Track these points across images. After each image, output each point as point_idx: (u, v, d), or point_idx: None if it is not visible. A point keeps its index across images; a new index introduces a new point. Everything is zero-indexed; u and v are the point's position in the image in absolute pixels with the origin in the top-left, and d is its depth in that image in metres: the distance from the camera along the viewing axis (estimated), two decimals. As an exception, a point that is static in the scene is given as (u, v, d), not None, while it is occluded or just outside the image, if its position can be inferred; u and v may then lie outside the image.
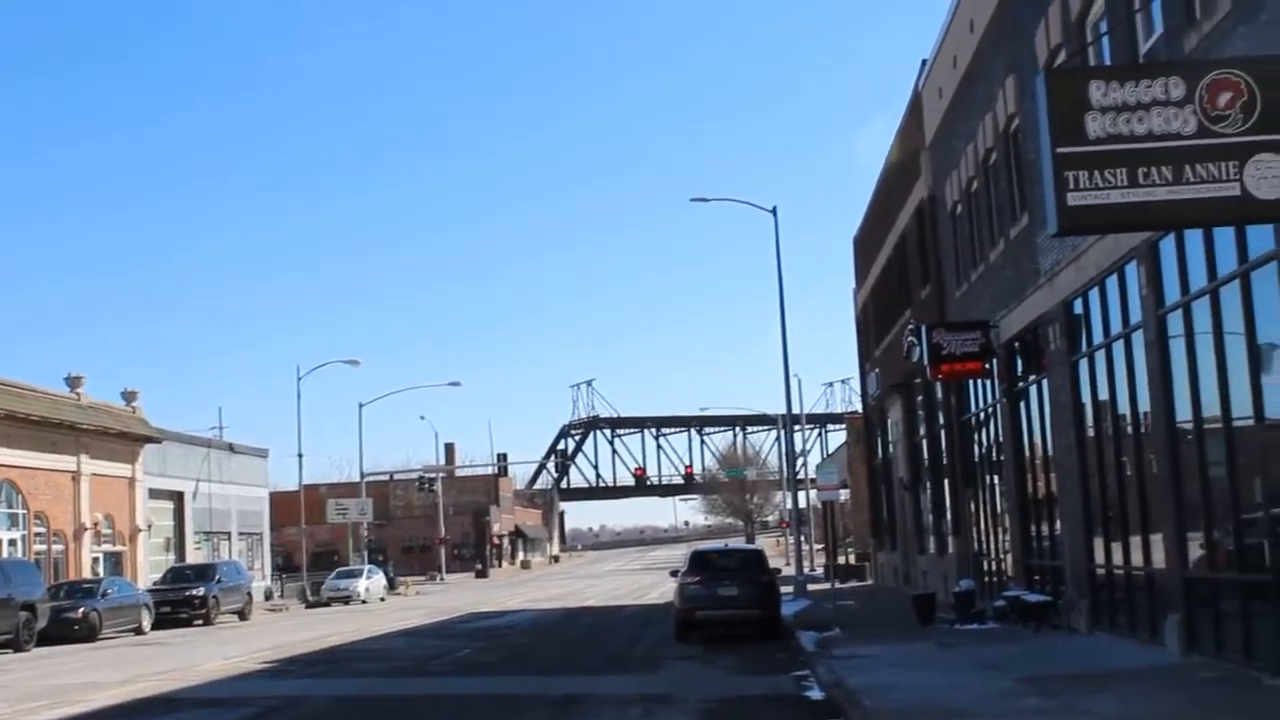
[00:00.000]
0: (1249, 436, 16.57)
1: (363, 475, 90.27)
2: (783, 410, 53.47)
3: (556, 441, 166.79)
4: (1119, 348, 21.35)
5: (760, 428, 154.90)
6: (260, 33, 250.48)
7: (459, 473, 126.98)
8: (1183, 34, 17.16)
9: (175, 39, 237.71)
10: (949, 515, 37.41)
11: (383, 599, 71.89)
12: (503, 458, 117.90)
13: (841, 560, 67.54)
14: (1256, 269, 15.76)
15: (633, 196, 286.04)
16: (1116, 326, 21.34)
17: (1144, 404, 20.29)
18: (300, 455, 77.89)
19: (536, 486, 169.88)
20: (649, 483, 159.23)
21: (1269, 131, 13.21)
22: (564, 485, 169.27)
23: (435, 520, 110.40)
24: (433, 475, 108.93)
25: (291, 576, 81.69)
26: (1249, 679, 16.20)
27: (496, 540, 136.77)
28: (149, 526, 61.50)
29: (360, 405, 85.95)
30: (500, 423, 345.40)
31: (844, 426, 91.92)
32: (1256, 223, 14.64)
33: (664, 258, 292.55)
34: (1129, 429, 21.42)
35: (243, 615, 53.95)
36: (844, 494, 73.65)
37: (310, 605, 68.21)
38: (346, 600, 68.64)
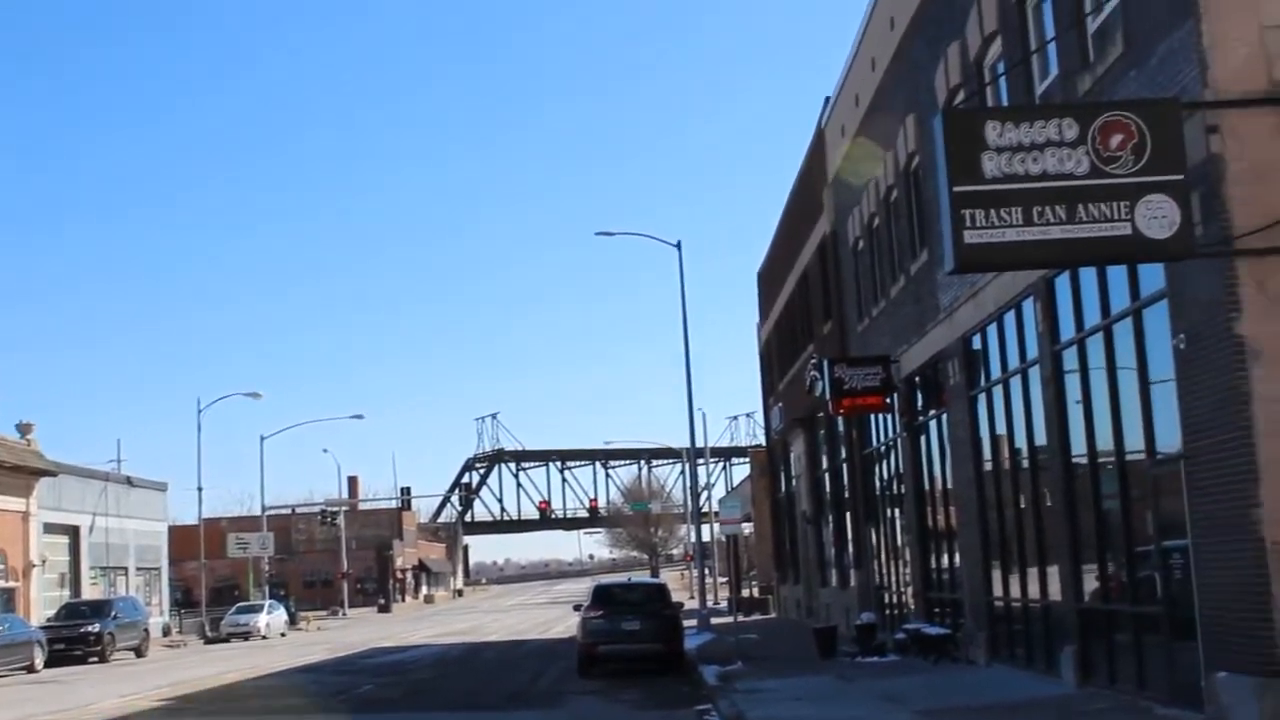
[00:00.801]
0: (1141, 470, 16.88)
1: (264, 509, 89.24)
2: (687, 444, 53.67)
3: (461, 475, 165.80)
4: (1016, 383, 21.68)
5: (665, 461, 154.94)
6: (161, 79, 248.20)
7: (362, 506, 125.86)
8: (1077, 76, 17.51)
9: (58, 82, 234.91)
10: (851, 548, 37.67)
11: (284, 634, 71.04)
12: (406, 491, 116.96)
13: (745, 593, 67.72)
14: (1148, 306, 16.09)
15: (539, 229, 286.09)
16: (1014, 362, 21.67)
17: (1040, 438, 20.61)
18: (200, 488, 76.65)
19: (441, 520, 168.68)
20: (554, 516, 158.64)
21: (1159, 173, 13.55)
22: (468, 519, 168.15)
23: (338, 554, 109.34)
24: (335, 509, 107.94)
25: (190, 612, 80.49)
26: (1141, 709, 16.48)
27: (400, 574, 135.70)
28: (43, 562, 60.32)
29: (262, 438, 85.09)
30: (404, 456, 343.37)
31: (748, 460, 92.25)
32: (1147, 261, 15.00)
33: (570, 291, 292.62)
34: (1026, 463, 21.74)
35: (139, 652, 53.03)
36: (748, 527, 73.89)
37: (209, 641, 67.26)
38: (246, 636, 67.73)
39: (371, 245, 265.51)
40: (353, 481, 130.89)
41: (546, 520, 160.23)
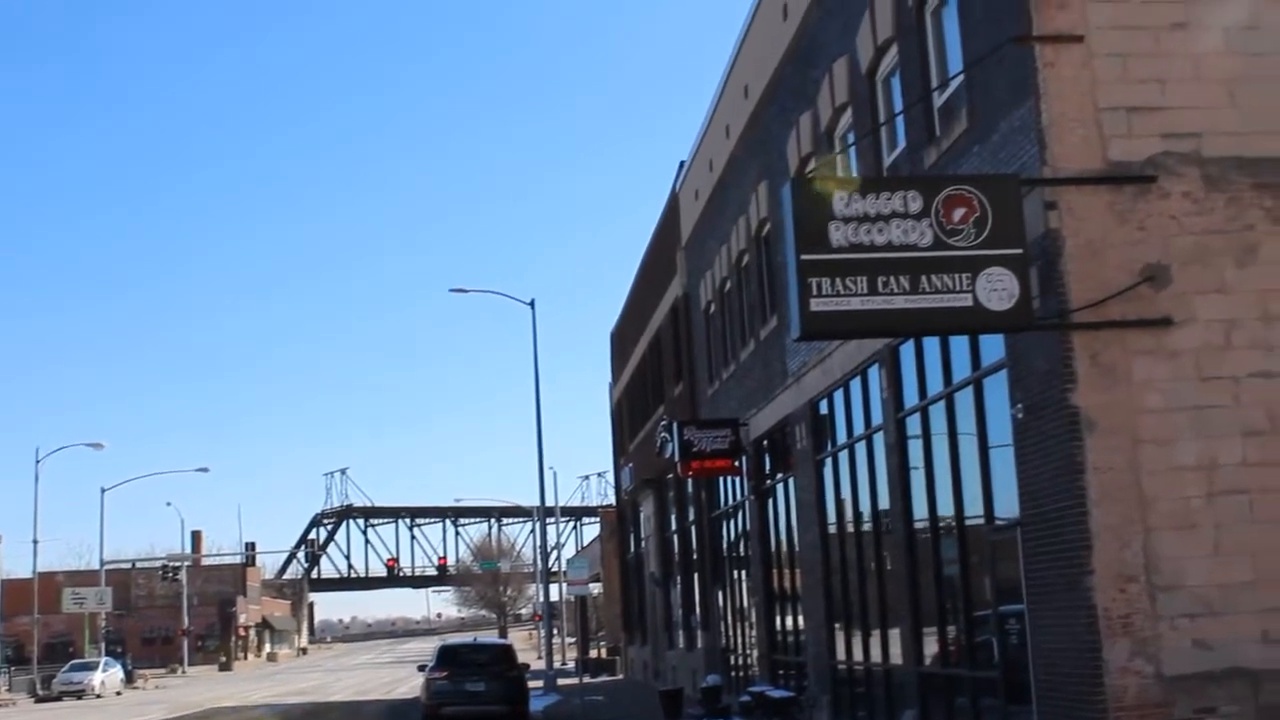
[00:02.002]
0: (980, 536, 17.20)
1: (103, 563, 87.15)
2: (538, 502, 53.49)
3: (308, 530, 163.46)
4: (861, 448, 21.99)
5: (516, 519, 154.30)
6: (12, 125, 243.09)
7: (205, 561, 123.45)
8: (923, 149, 17.93)
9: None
10: (698, 610, 37.78)
11: (119, 693, 69.25)
12: (251, 546, 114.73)
13: (593, 654, 67.54)
14: (989, 376, 16.45)
15: (393, 285, 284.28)
16: (859, 427, 21.98)
17: (884, 503, 20.90)
18: (35, 541, 74.70)
19: (286, 576, 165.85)
20: (402, 574, 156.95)
21: (999, 246, 13.90)
22: (315, 575, 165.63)
23: (179, 610, 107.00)
24: (177, 564, 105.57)
25: (21, 669, 78.13)
26: (978, 773, 16.70)
27: (243, 631, 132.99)
28: None
29: (103, 490, 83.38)
30: (251, 511, 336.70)
31: (599, 519, 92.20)
32: (987, 332, 15.34)
33: (423, 347, 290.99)
34: (870, 527, 22.02)
35: (-38, 711, 51.40)
36: (596, 588, 73.77)
37: (40, 700, 65.36)
38: (80, 694, 65.91)
39: (221, 298, 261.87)
40: (196, 536, 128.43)
41: (394, 578, 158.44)
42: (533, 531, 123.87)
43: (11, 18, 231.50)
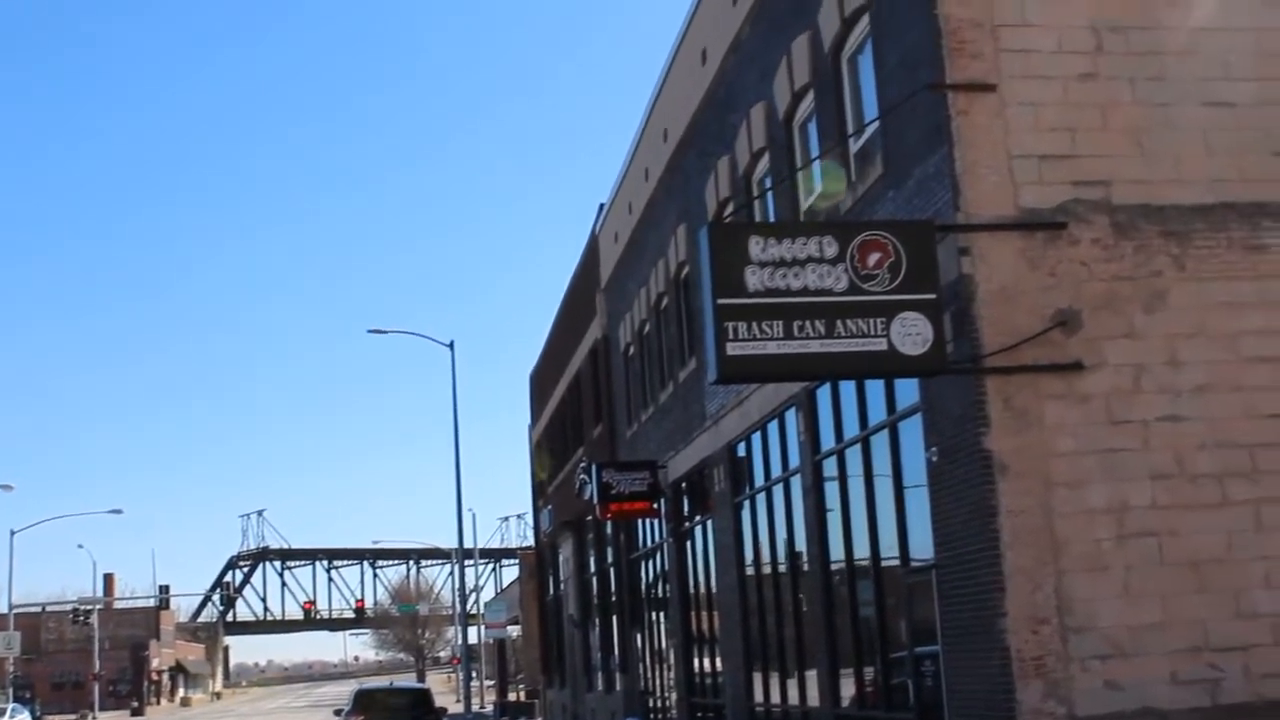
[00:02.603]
0: (896, 578, 17.30)
1: (11, 606, 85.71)
2: (456, 544, 53.20)
3: (224, 573, 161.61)
4: (779, 491, 22.08)
5: (434, 561, 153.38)
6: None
7: (118, 604, 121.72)
8: (840, 194, 18.09)
9: None
10: (617, 652, 37.68)
11: (27, 740, 67.98)
12: (165, 589, 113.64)
13: (512, 697, 67.09)
14: (904, 419, 16.59)
15: (311, 325, 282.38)
16: (777, 470, 22.08)
17: (801, 545, 20.98)
18: (-59, 585, 73.68)
19: (201, 619, 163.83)
20: (319, 616, 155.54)
21: (913, 291, 14.05)
22: (230, 618, 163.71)
23: (90, 654, 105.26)
24: (89, 607, 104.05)
25: (-73, 716, 76.55)
26: (894, 815, 16.75)
27: (156, 676, 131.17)
28: None
29: (12, 532, 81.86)
30: (165, 553, 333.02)
31: (518, 561, 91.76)
32: (901, 376, 15.52)
33: (341, 388, 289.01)
34: (787, 569, 22.09)
35: None
36: (515, 630, 73.39)
37: (-54, 747, 64.02)
38: (-13, 741, 64.69)
39: (138, 338, 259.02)
40: (109, 579, 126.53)
41: (311, 621, 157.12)
42: (451, 574, 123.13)
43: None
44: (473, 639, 66.71)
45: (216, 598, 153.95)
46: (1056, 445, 14.25)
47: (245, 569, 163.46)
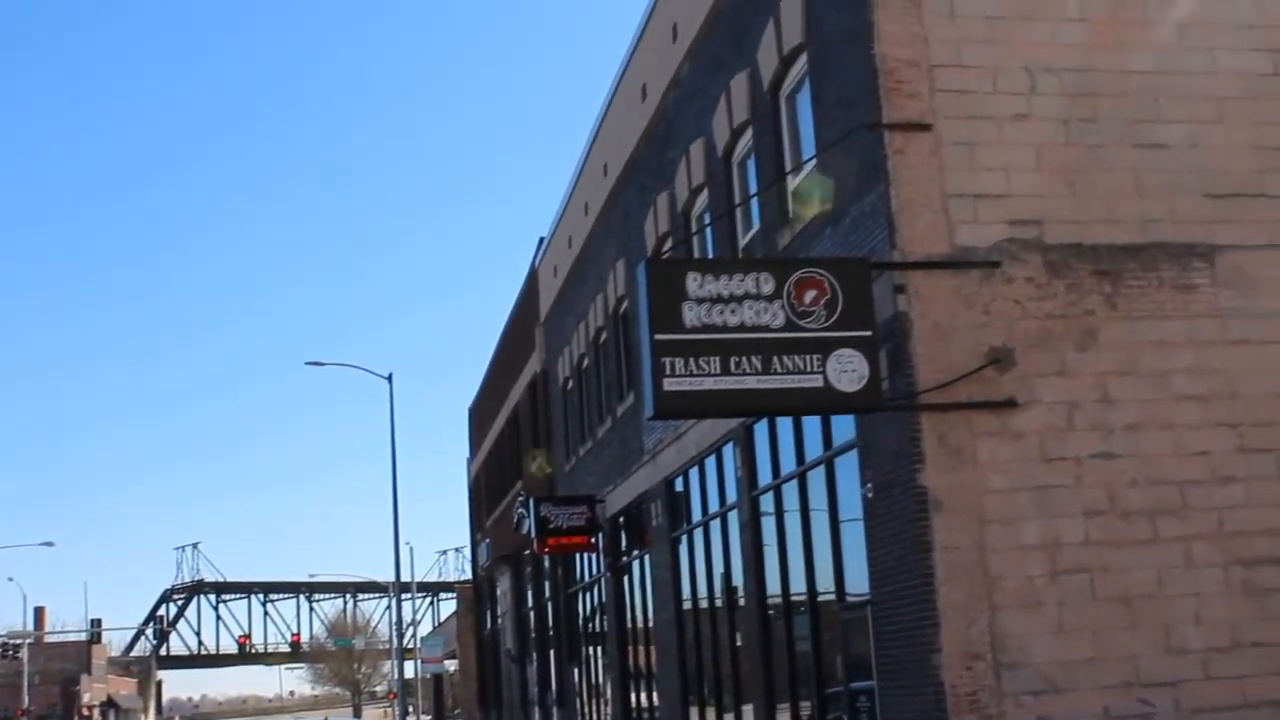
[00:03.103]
0: (832, 613, 17.35)
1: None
2: (394, 577, 52.91)
3: (157, 606, 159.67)
4: (716, 526, 22.11)
5: (371, 595, 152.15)
6: None
7: (49, 638, 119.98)
8: (777, 231, 18.21)
9: None
10: (554, 687, 37.54)
11: (-46, 776, 66.90)
12: (97, 623, 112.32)
13: (448, 732, 66.63)
14: (840, 455, 16.68)
15: (248, 357, 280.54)
16: (714, 505, 22.12)
17: (738, 580, 21.01)
18: None
19: (134, 654, 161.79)
20: (254, 650, 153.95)
21: (849, 328, 14.16)
22: (163, 652, 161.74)
23: (19, 689, 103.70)
24: (18, 641, 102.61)
25: None
26: None
27: (87, 711, 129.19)
28: None
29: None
30: (98, 586, 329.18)
31: (455, 595, 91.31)
32: (837, 413, 15.61)
33: (279, 420, 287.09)
34: (723, 604, 22.11)
35: None
36: (452, 664, 72.96)
37: None
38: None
39: (71, 369, 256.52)
40: (39, 612, 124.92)
41: (246, 655, 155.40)
42: (389, 607, 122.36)
43: None
44: (409, 673, 66.27)
45: (150, 631, 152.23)
46: (990, 482, 14.36)
47: (179, 602, 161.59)
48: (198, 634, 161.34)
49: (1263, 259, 15.43)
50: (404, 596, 56.30)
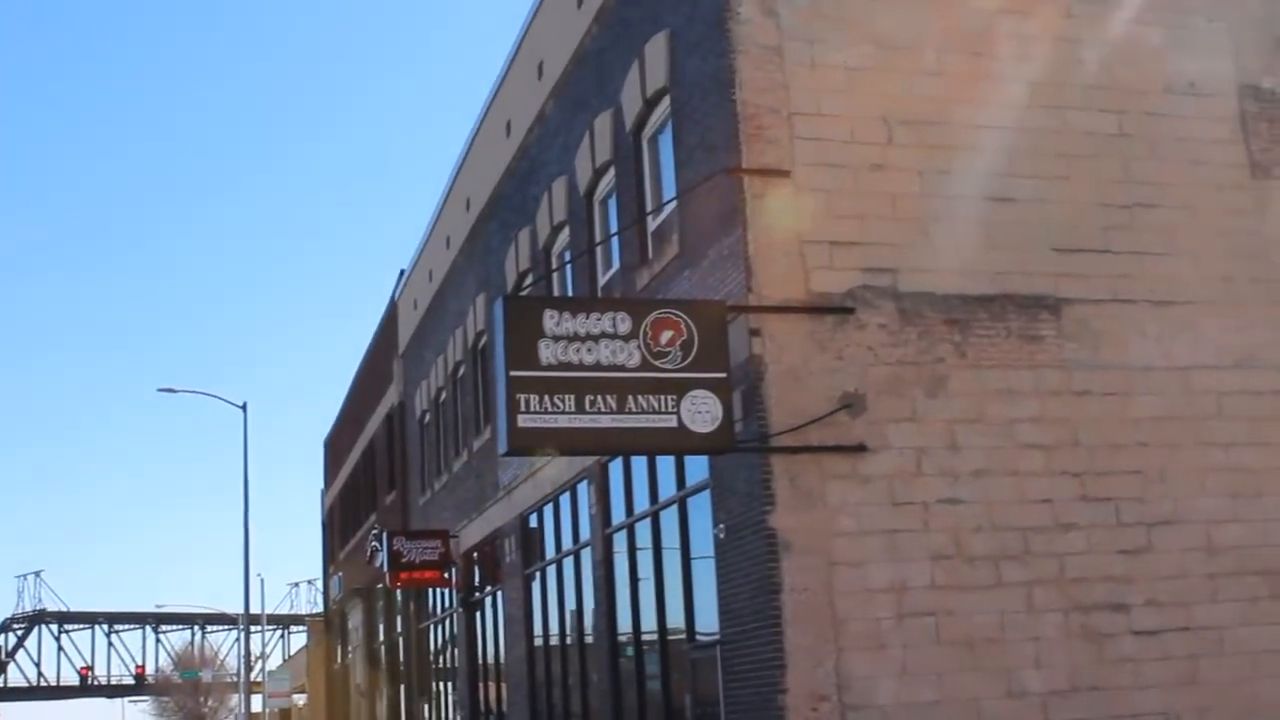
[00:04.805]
0: (682, 653, 17.41)
1: None
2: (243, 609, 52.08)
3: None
4: (570, 563, 22.10)
5: (221, 627, 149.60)
6: None
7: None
8: (636, 271, 18.32)
9: None
10: (403, 723, 37.19)
11: None
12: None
13: (295, 768, 65.60)
14: (693, 496, 16.77)
15: (96, 382, 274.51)
16: (568, 542, 22.11)
17: (590, 618, 21.01)
18: None
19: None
20: (96, 683, 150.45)
21: (704, 370, 14.28)
22: (1, 684, 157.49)
23: None
24: None
25: None
26: None
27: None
28: None
29: None
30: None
31: (306, 629, 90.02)
32: (691, 453, 15.70)
33: (129, 447, 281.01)
34: (575, 642, 22.08)
35: None
36: (301, 699, 71.87)
37: None
38: None
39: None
40: None
41: (88, 687, 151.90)
42: (238, 640, 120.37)
43: None
44: (257, 707, 65.11)
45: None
46: (840, 525, 14.53)
47: (19, 632, 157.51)
48: (38, 665, 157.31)
49: (1105, 312, 15.86)
50: (254, 629, 55.41)
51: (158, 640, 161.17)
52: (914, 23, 16.00)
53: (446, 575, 29.92)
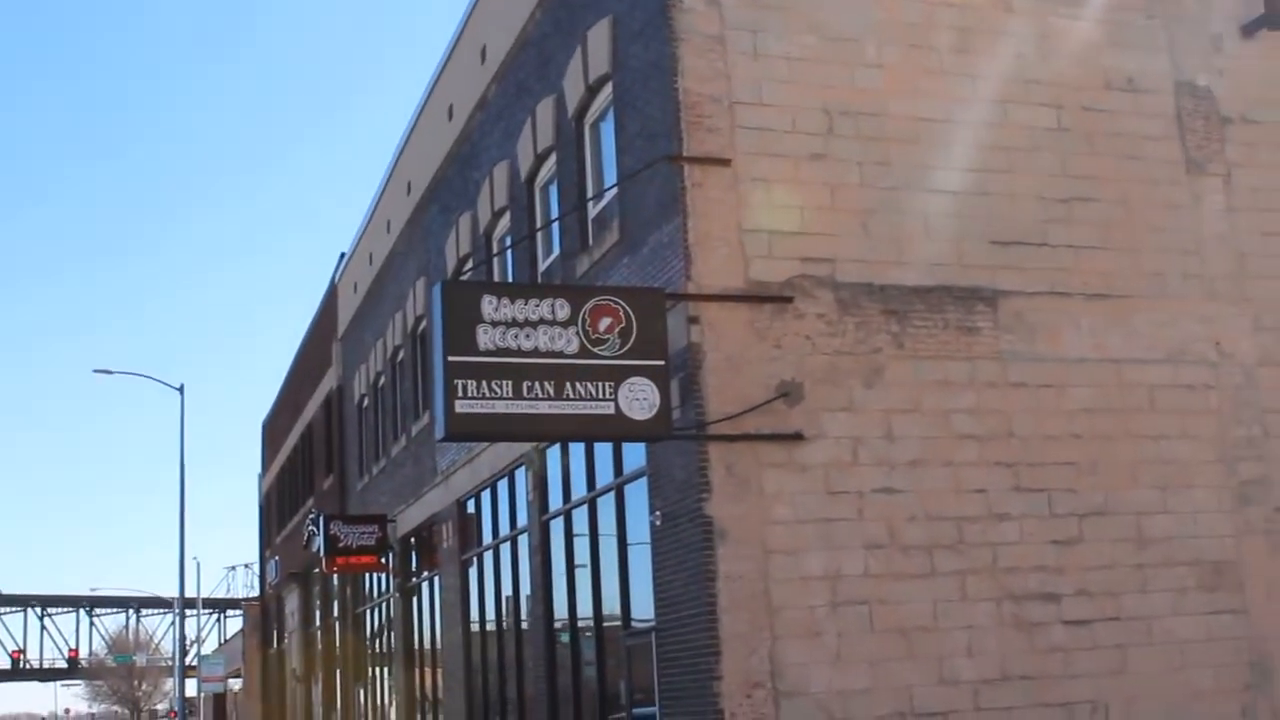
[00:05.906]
0: (617, 639, 17.45)
1: None
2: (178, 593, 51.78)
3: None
4: (506, 549, 22.09)
5: (156, 610, 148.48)
6: None
7: None
8: (576, 258, 18.31)
9: None
10: (339, 708, 37.07)
11: None
12: None
13: (230, 753, 65.29)
14: (630, 483, 16.81)
15: (31, 366, 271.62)
16: (505, 528, 22.10)
17: (526, 604, 21.01)
18: None
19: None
20: (28, 666, 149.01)
21: (642, 357, 14.30)
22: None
23: None
24: None
25: None
26: None
27: None
28: None
29: None
30: None
31: (242, 613, 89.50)
32: (627, 440, 15.74)
33: (64, 430, 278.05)
34: (511, 628, 22.08)
35: None
36: (237, 683, 71.50)
37: None
38: None
39: None
40: None
41: (19, 671, 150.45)
42: (173, 624, 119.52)
43: None
44: (192, 691, 64.76)
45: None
46: (775, 513, 14.60)
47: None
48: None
49: (1042, 305, 16.00)
50: (189, 613, 55.05)
51: (92, 624, 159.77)
52: (856, 14, 16.07)
53: (383, 560, 29.84)
